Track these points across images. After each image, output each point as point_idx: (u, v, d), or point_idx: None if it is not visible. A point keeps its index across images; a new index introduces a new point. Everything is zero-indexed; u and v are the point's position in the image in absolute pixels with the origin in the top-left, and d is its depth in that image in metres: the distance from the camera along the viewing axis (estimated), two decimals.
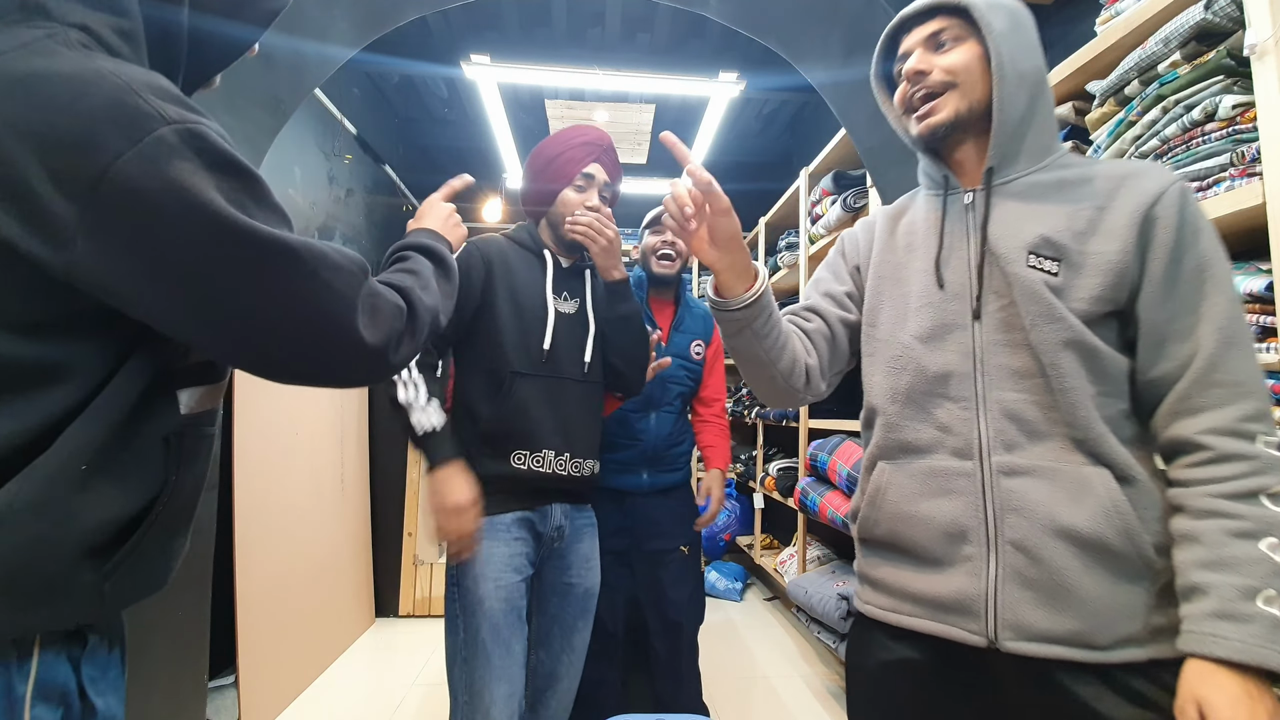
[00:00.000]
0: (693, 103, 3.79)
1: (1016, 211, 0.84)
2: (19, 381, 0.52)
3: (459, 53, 2.88)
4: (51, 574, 0.53)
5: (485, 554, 1.31)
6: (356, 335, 0.61)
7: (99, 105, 0.50)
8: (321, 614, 2.83)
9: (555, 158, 1.45)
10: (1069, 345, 0.76)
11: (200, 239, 0.53)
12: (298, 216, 2.99)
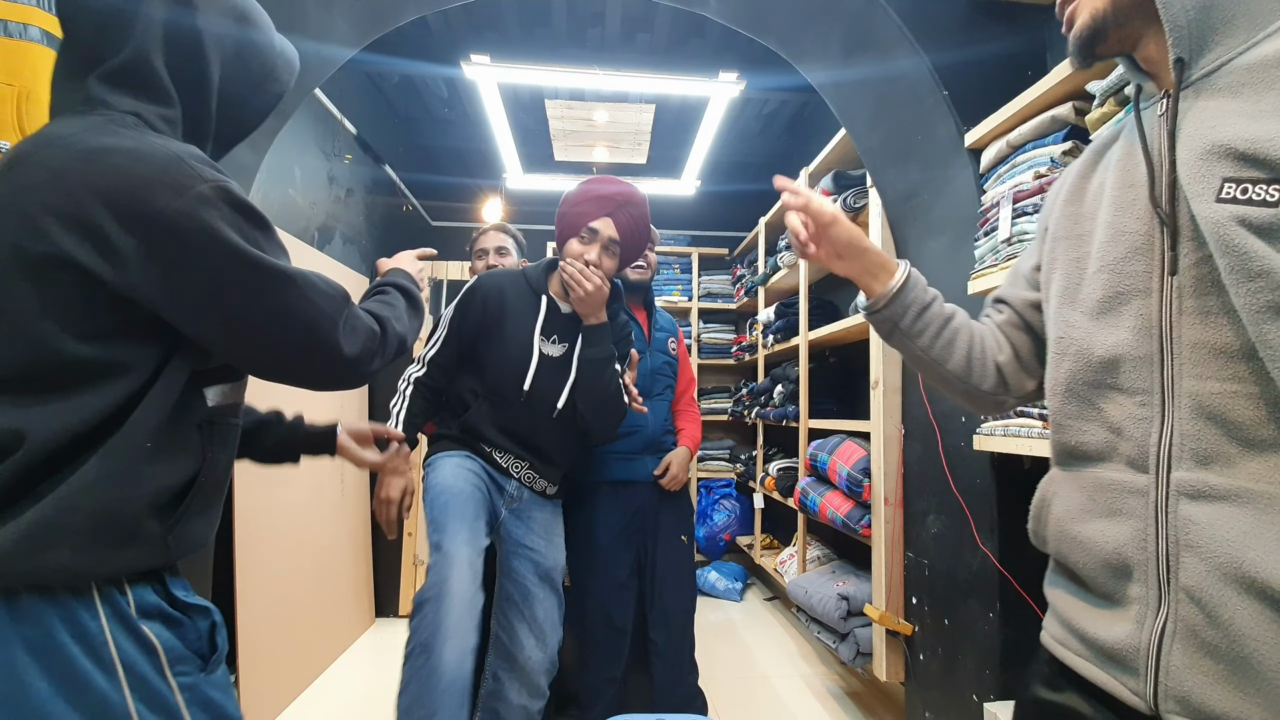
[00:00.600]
0: (693, 103, 3.79)
1: (1216, 115, 0.58)
2: (90, 377, 0.68)
3: (459, 53, 2.88)
4: (131, 527, 0.70)
5: (457, 460, 1.56)
6: (336, 347, 0.80)
7: (154, 168, 0.69)
8: (321, 614, 2.83)
9: (570, 209, 1.61)
10: (1257, 300, 0.52)
11: (220, 265, 0.71)
12: (298, 216, 2.99)
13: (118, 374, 0.69)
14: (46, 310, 0.66)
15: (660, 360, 2.05)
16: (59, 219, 0.65)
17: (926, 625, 1.94)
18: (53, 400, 0.66)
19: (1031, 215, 1.46)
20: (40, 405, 0.66)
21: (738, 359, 4.42)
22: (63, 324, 0.67)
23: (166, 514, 0.73)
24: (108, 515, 0.68)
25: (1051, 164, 1.44)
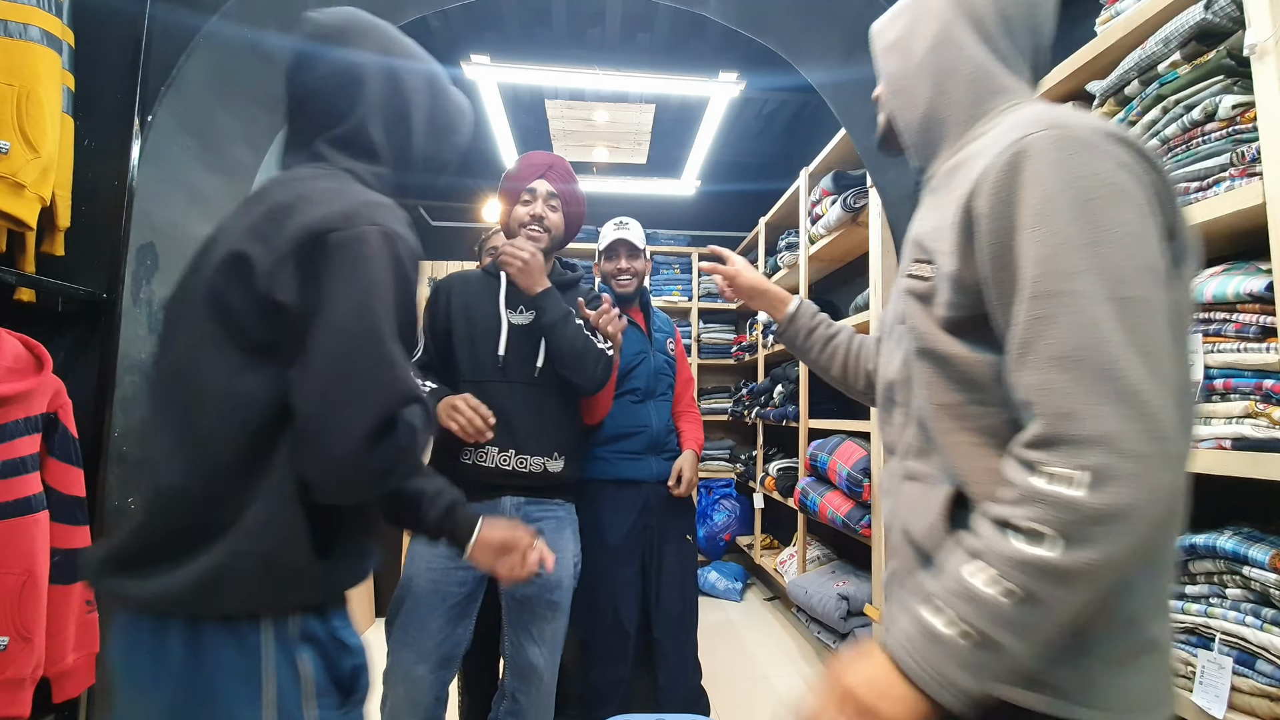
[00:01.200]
0: (693, 103, 3.79)
1: (921, 211, 0.79)
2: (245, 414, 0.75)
3: (459, 53, 2.88)
4: (292, 567, 0.75)
5: (424, 543, 1.50)
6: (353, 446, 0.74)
7: (340, 206, 0.77)
8: None
9: (508, 184, 1.66)
10: (920, 355, 0.72)
11: (346, 293, 0.74)
12: None
13: (274, 415, 0.75)
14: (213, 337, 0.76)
15: (661, 360, 2.06)
16: (252, 231, 0.76)
17: None
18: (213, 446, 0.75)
19: None
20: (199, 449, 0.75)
21: (738, 359, 4.42)
22: (225, 353, 0.76)
23: (323, 554, 0.78)
24: (270, 557, 0.74)
25: None
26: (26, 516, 1.24)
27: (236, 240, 0.77)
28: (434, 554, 1.48)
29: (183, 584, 0.72)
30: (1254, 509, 1.06)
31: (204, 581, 0.72)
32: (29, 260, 1.46)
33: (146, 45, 1.62)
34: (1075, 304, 0.57)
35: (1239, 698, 0.93)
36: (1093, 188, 0.59)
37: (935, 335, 0.70)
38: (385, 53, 0.90)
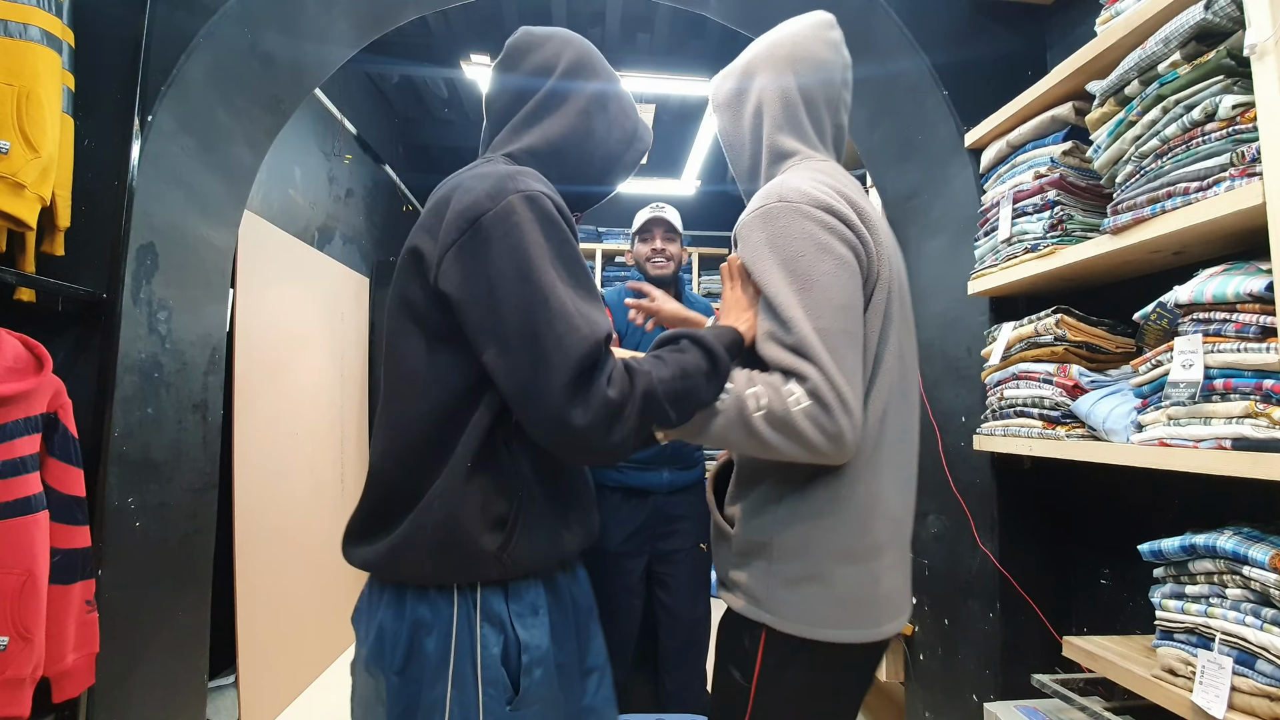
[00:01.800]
0: (693, 103, 3.79)
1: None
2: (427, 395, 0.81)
3: (459, 53, 2.88)
4: (467, 542, 0.79)
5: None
6: (557, 405, 0.74)
7: (488, 183, 0.81)
8: (321, 614, 2.83)
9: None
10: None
11: (508, 261, 0.76)
12: (298, 216, 2.99)
13: (450, 393, 0.81)
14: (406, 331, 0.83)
15: None
16: (425, 229, 0.82)
17: (926, 625, 1.94)
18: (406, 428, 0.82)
19: (1031, 215, 1.46)
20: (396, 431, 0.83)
21: None
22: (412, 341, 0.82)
23: (496, 533, 0.81)
24: (446, 531, 0.79)
25: (1051, 164, 1.44)
26: (26, 516, 1.24)
27: (413, 237, 0.83)
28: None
29: (380, 552, 0.81)
30: (1254, 509, 1.06)
31: (395, 549, 0.80)
32: (29, 260, 1.46)
33: (146, 45, 1.62)
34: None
35: (1239, 698, 0.93)
36: (798, 247, 0.87)
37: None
38: (578, 59, 0.98)
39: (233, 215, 1.97)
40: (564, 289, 0.77)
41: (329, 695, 2.59)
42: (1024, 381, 1.47)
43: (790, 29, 1.12)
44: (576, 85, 0.96)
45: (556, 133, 0.94)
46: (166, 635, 1.70)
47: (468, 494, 0.80)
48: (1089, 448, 1.28)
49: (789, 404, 0.81)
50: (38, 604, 1.23)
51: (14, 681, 1.21)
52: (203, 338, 1.83)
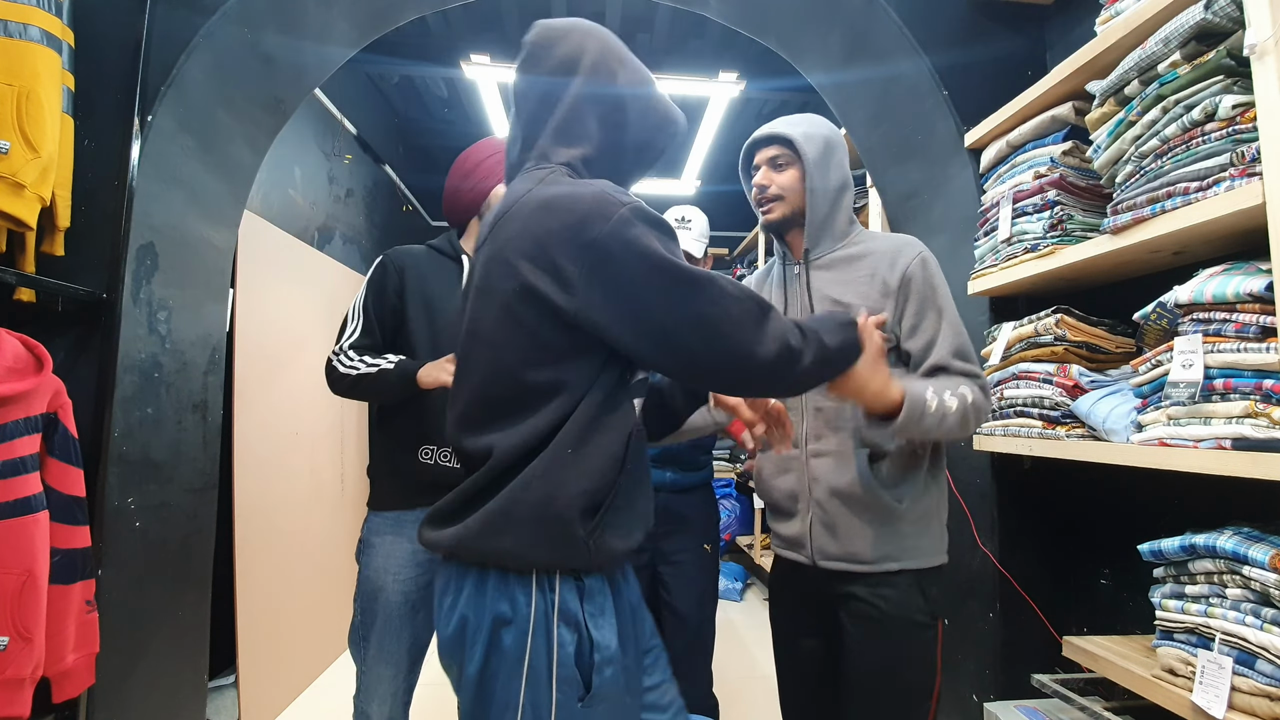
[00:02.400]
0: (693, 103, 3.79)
1: (823, 278, 1.27)
2: (539, 399, 0.85)
3: (459, 53, 2.88)
4: (560, 524, 0.82)
5: (390, 548, 1.43)
6: (749, 349, 0.84)
7: (586, 204, 0.83)
8: (321, 614, 2.83)
9: (482, 161, 1.58)
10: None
11: (643, 274, 0.81)
12: (298, 216, 2.99)
13: (559, 393, 0.85)
14: (514, 345, 0.86)
15: None
16: (528, 259, 0.84)
17: None
18: (513, 421, 0.85)
19: (1031, 215, 1.46)
20: (504, 426, 0.85)
21: None
22: (525, 356, 0.85)
23: (587, 518, 0.84)
24: (541, 509, 0.82)
25: (1051, 164, 1.44)
26: (26, 516, 1.24)
27: (520, 272, 0.84)
28: (400, 561, 1.42)
29: (471, 527, 0.84)
30: (1254, 509, 1.06)
31: (489, 522, 0.83)
32: (29, 260, 1.46)
33: (146, 45, 1.62)
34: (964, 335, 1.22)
35: (1239, 698, 0.93)
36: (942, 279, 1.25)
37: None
38: (602, 50, 0.98)
39: (233, 215, 1.97)
40: (701, 271, 0.84)
41: (329, 695, 2.59)
42: (1024, 381, 1.47)
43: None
44: (607, 82, 0.97)
45: (602, 136, 0.96)
46: (166, 635, 1.70)
47: (565, 477, 0.83)
48: (1089, 448, 1.28)
49: (981, 399, 1.14)
50: (38, 604, 1.23)
51: (14, 681, 1.21)
52: (203, 338, 1.83)
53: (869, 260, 1.24)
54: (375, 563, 1.43)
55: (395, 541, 1.43)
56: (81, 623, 1.36)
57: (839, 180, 1.26)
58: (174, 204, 1.71)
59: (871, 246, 1.26)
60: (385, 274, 1.50)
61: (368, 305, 1.51)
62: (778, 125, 1.27)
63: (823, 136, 1.25)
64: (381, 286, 1.50)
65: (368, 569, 1.44)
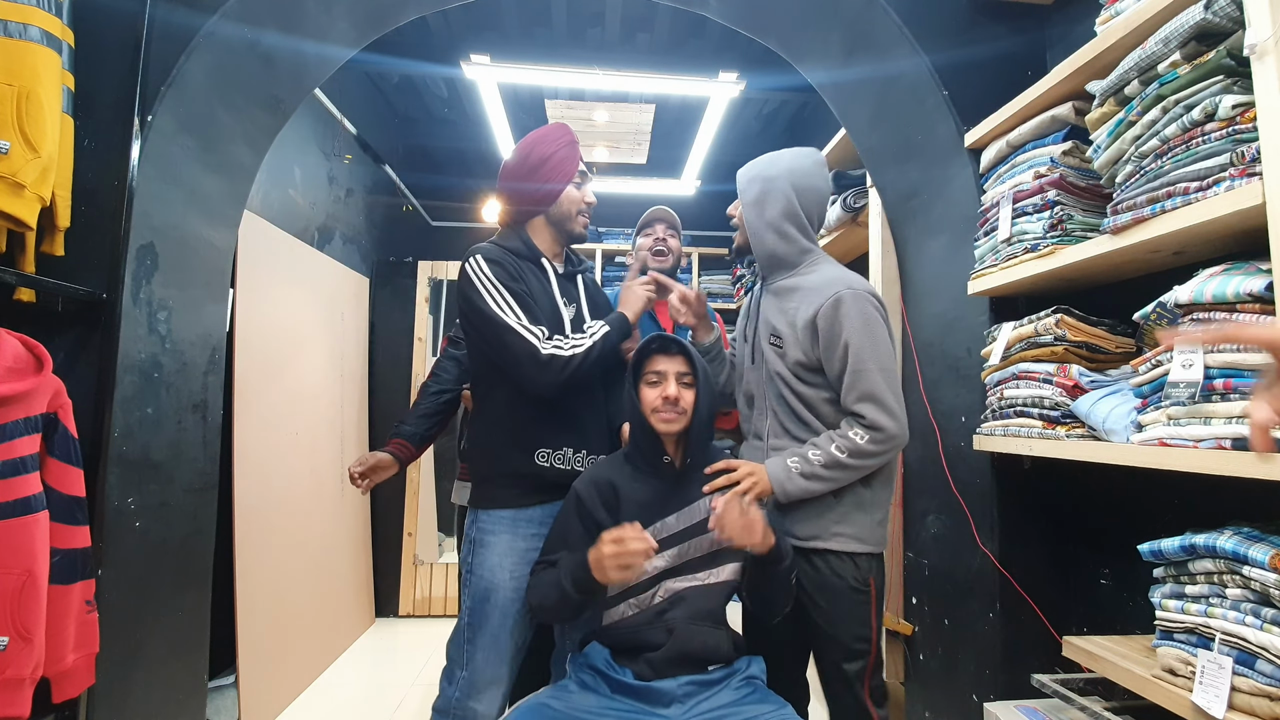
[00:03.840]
0: (693, 103, 3.78)
1: (769, 304, 1.49)
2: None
3: (459, 53, 2.88)
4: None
5: (506, 546, 1.43)
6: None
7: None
8: (321, 614, 2.83)
9: (549, 157, 1.51)
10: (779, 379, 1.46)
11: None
12: (298, 216, 2.99)
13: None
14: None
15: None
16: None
17: (926, 625, 1.94)
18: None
19: (1031, 215, 1.46)
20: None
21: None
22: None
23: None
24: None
25: (1051, 164, 1.44)
26: (26, 516, 1.24)
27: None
28: (515, 559, 1.42)
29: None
30: (1254, 509, 1.06)
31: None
32: (29, 260, 1.46)
33: (146, 45, 1.62)
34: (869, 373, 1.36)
35: (1239, 698, 0.93)
36: (871, 319, 1.37)
37: (786, 375, 1.45)
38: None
39: (233, 215, 1.97)
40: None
41: (329, 695, 2.59)
42: (1024, 381, 1.47)
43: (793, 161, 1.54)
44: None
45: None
46: (166, 635, 1.70)
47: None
48: (1089, 448, 1.28)
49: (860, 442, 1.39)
50: (38, 604, 1.23)
51: (14, 681, 1.21)
52: (203, 338, 1.83)
53: (799, 294, 1.43)
54: (490, 561, 1.42)
55: (511, 541, 1.43)
56: (81, 623, 1.36)
57: (775, 213, 1.45)
58: (174, 204, 1.71)
59: (807, 281, 1.44)
60: (506, 264, 1.43)
61: (520, 295, 1.41)
62: (743, 169, 1.54)
63: (764, 177, 1.48)
64: (514, 276, 1.43)
65: (482, 568, 1.42)
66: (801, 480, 1.33)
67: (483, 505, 1.48)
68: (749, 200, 1.46)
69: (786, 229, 1.45)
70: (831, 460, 1.33)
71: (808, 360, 1.40)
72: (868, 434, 1.33)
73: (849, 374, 1.35)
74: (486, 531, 1.45)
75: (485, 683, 1.39)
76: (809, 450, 1.36)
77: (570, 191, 1.53)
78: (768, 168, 1.49)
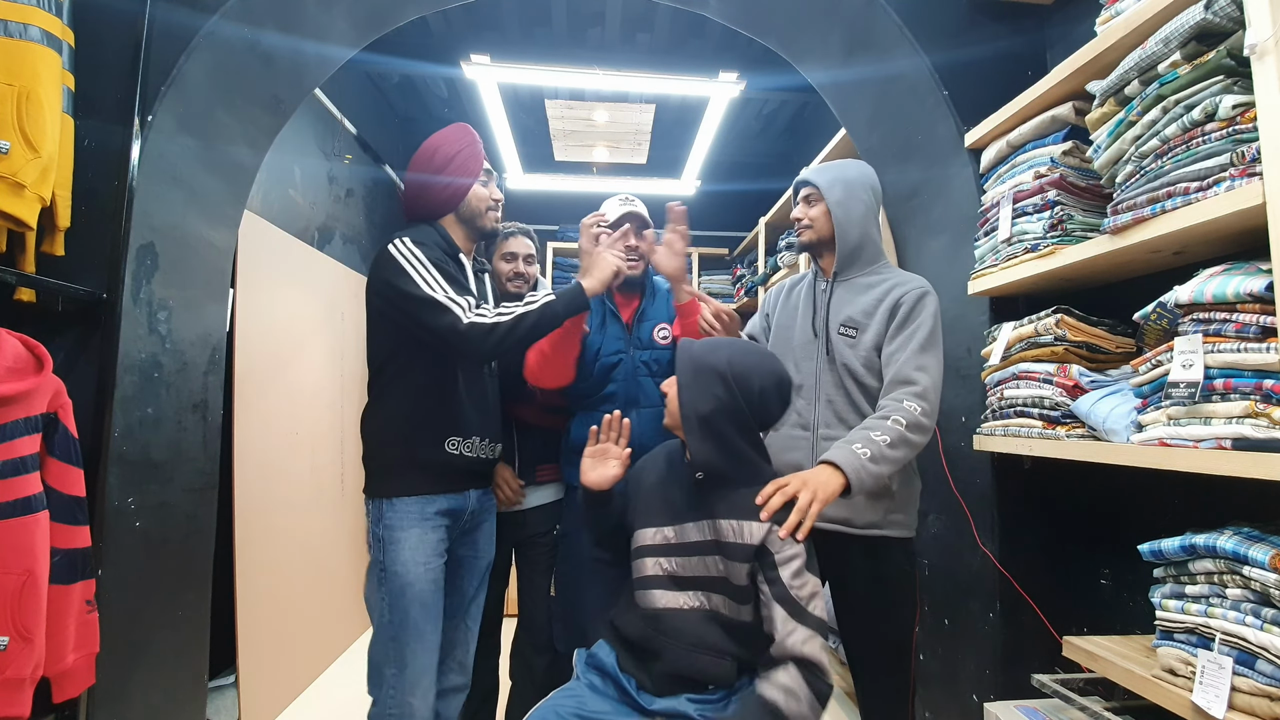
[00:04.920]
0: (693, 103, 3.78)
1: (841, 299, 1.52)
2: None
3: (459, 53, 2.88)
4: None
5: (417, 539, 1.43)
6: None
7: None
8: (321, 614, 2.83)
9: (454, 155, 1.56)
10: (846, 370, 1.48)
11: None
12: (298, 216, 2.99)
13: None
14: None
15: (636, 359, 1.75)
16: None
17: (926, 625, 1.94)
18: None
19: (1031, 215, 1.46)
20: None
21: None
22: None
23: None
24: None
25: (1051, 164, 1.44)
26: (26, 516, 1.24)
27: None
28: (429, 551, 1.44)
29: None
30: (1254, 509, 1.06)
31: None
32: (29, 260, 1.46)
33: (146, 45, 1.62)
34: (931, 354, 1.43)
35: (1239, 698, 0.93)
36: (939, 320, 1.46)
37: (856, 366, 1.47)
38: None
39: (233, 215, 1.97)
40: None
41: (329, 695, 2.59)
42: (1024, 381, 1.47)
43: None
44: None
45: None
46: (166, 635, 1.70)
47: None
48: (1089, 448, 1.28)
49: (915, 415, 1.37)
50: (38, 604, 1.23)
51: (14, 681, 1.21)
52: (203, 338, 1.83)
53: (884, 284, 1.49)
54: (403, 556, 1.41)
55: (421, 534, 1.43)
56: (81, 623, 1.36)
57: (861, 214, 1.51)
58: (174, 204, 1.71)
59: (892, 275, 1.51)
60: (430, 245, 1.47)
61: (449, 273, 1.43)
62: (808, 172, 1.59)
63: (845, 180, 1.52)
64: (438, 255, 1.47)
65: (396, 564, 1.41)
66: (873, 467, 1.25)
67: (388, 494, 1.45)
68: (835, 199, 1.50)
69: (871, 229, 1.52)
70: (897, 437, 1.28)
71: (879, 345, 1.44)
72: (920, 404, 1.33)
73: (914, 345, 1.39)
74: (396, 528, 1.43)
75: (417, 676, 1.40)
76: (869, 434, 1.29)
77: (478, 189, 1.58)
78: (844, 172, 1.54)
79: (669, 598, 1.25)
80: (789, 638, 1.10)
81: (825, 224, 1.52)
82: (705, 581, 1.23)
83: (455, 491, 1.51)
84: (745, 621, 1.20)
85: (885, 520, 1.42)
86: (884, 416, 1.32)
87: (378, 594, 1.43)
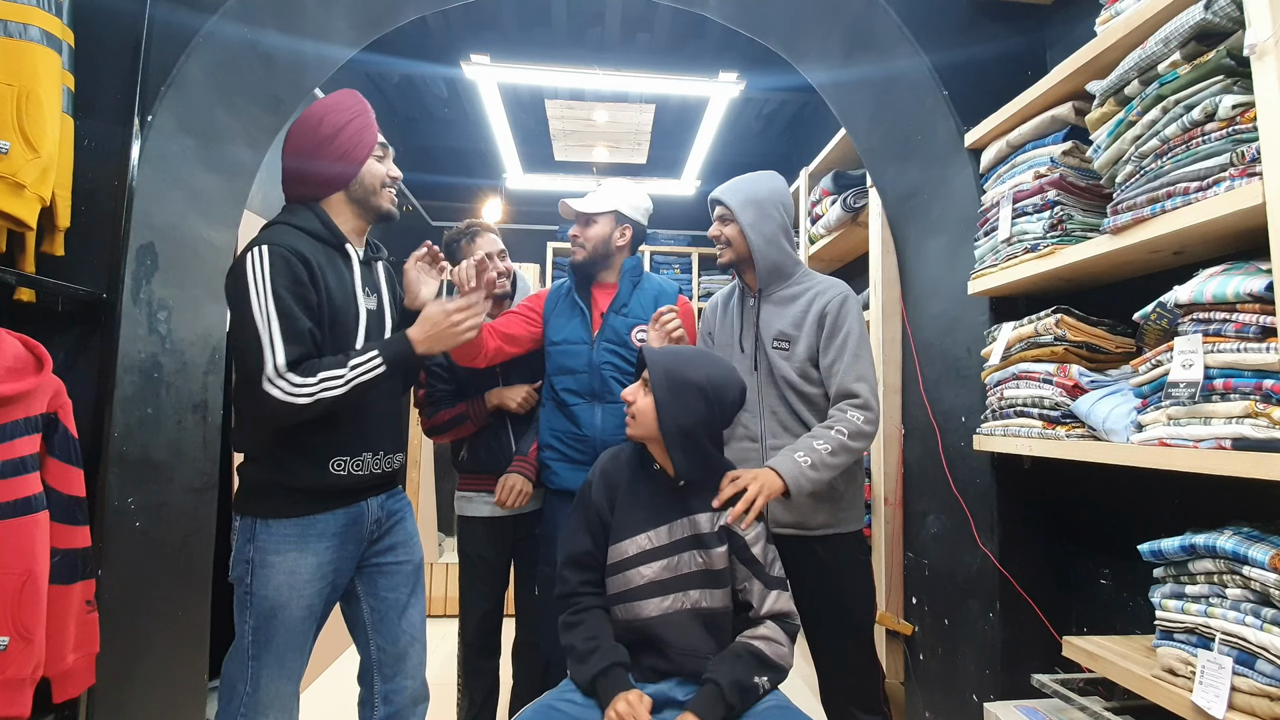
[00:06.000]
0: (693, 103, 3.78)
1: (769, 314, 1.63)
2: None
3: (459, 53, 2.88)
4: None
5: (292, 564, 1.26)
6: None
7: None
8: None
9: (343, 127, 1.39)
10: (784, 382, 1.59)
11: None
12: None
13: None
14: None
15: (605, 352, 1.74)
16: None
17: (926, 625, 1.94)
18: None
19: (1031, 215, 1.46)
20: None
21: None
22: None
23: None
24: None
25: (1051, 164, 1.44)
26: (26, 516, 1.23)
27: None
28: (305, 578, 1.27)
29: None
30: (1254, 509, 1.06)
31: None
32: (29, 260, 1.46)
33: (146, 45, 1.62)
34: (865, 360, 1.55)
35: (1239, 698, 0.93)
36: (862, 318, 1.57)
37: (792, 376, 1.59)
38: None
39: (233, 215, 1.97)
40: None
41: (329, 695, 2.59)
42: (1024, 381, 1.47)
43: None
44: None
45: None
46: (166, 635, 1.70)
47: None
48: (1089, 448, 1.28)
49: (858, 424, 1.50)
50: (38, 604, 1.23)
51: (14, 681, 1.21)
52: (203, 338, 1.83)
53: (805, 296, 1.61)
54: (275, 581, 1.25)
55: (299, 558, 1.27)
56: (81, 623, 1.36)
57: (773, 231, 1.60)
58: (174, 204, 1.71)
59: (813, 285, 1.62)
60: (292, 266, 1.24)
61: (287, 306, 1.21)
62: (720, 192, 1.65)
63: (755, 200, 1.60)
64: (297, 281, 1.24)
65: (265, 588, 1.25)
66: (812, 473, 1.40)
67: (263, 514, 1.28)
68: (749, 222, 1.59)
69: (784, 244, 1.62)
70: (838, 445, 1.44)
71: (812, 354, 1.57)
72: (862, 414, 1.48)
73: (848, 357, 1.52)
74: (269, 551, 1.26)
75: (270, 700, 1.26)
76: (813, 442, 1.44)
77: (372, 165, 1.41)
78: (753, 190, 1.62)
79: (654, 605, 1.30)
80: (766, 603, 1.29)
81: (742, 244, 1.61)
82: (686, 579, 1.31)
83: (339, 508, 1.32)
84: (719, 609, 1.31)
85: (837, 519, 1.57)
86: (829, 426, 1.47)
87: (241, 615, 1.28)
